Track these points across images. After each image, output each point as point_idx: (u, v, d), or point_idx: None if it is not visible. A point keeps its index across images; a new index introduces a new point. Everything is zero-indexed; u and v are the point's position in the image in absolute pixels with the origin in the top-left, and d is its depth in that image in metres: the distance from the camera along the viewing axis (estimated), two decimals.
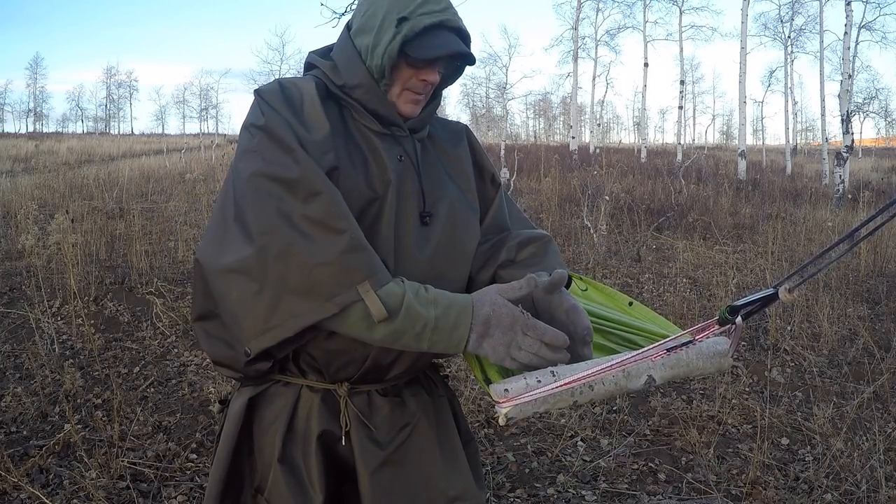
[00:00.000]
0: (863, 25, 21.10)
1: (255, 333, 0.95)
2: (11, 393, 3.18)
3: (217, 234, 0.99)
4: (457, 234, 1.12)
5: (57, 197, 9.20)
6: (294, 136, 0.97)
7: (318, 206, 0.93)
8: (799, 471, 2.74)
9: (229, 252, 0.95)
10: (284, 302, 0.92)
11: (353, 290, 0.92)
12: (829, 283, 5.57)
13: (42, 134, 42.49)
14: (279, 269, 0.92)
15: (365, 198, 1.02)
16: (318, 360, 1.06)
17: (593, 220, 7.57)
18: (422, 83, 1.06)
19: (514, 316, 0.95)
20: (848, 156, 11.77)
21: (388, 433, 1.11)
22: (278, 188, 0.94)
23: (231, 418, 1.11)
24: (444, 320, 0.95)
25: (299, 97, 1.04)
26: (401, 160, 1.08)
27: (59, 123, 70.69)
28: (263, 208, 0.94)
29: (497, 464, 2.78)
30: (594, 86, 29.22)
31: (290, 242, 0.92)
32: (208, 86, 62.00)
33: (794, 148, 25.31)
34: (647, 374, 1.03)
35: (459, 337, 0.95)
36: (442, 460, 1.15)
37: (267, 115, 1.00)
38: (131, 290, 4.85)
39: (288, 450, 1.08)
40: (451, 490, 1.14)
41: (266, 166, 0.96)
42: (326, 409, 1.09)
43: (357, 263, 0.92)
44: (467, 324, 0.95)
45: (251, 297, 0.93)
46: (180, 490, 2.50)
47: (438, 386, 1.23)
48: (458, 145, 1.21)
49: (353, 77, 1.06)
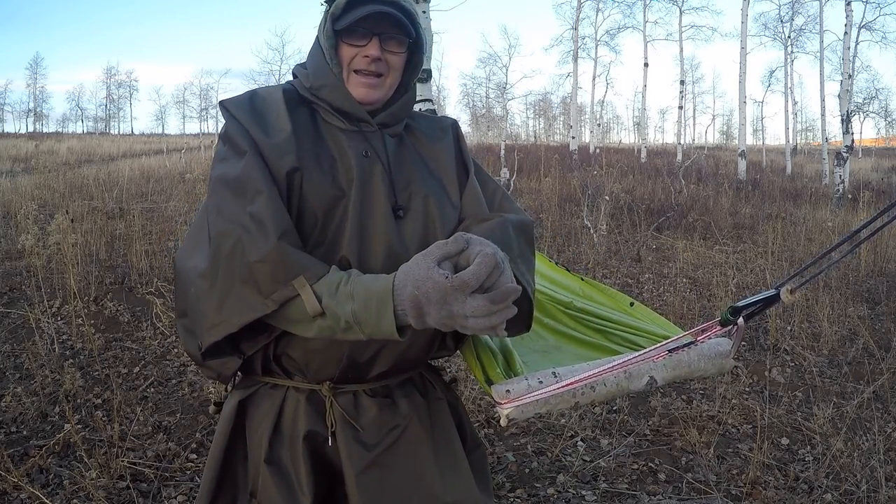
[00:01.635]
0: (863, 25, 21.12)
1: (205, 329, 0.99)
2: (11, 393, 3.18)
3: (192, 237, 1.07)
4: (433, 227, 1.09)
5: (57, 197, 9.19)
6: (248, 141, 1.02)
7: (259, 204, 0.96)
8: (799, 471, 2.74)
9: (196, 253, 1.03)
10: (230, 298, 0.96)
11: (290, 286, 0.93)
12: (830, 284, 5.56)
13: (42, 134, 42.45)
14: (227, 267, 0.96)
15: (330, 196, 1.03)
16: (297, 361, 1.07)
17: (593, 220, 7.57)
18: (364, 60, 1.06)
19: (441, 287, 0.84)
20: (848, 156, 11.77)
21: (377, 435, 1.09)
22: (229, 190, 1.00)
23: (222, 421, 1.14)
24: (364, 314, 0.90)
25: (264, 104, 1.09)
26: (366, 156, 1.07)
27: (59, 123, 70.72)
28: (220, 210, 1.00)
29: (497, 464, 2.78)
30: (594, 86, 29.27)
31: (237, 241, 0.96)
32: (208, 86, 62.03)
33: (794, 148, 25.32)
34: (648, 375, 1.03)
35: (388, 329, 0.90)
36: (437, 464, 1.12)
37: (227, 124, 1.07)
38: (131, 290, 4.85)
39: (275, 451, 1.08)
40: (449, 495, 1.10)
41: (223, 171, 1.03)
42: (312, 410, 1.09)
43: (290, 259, 0.94)
44: (390, 314, 0.89)
45: (204, 293, 0.98)
46: (180, 490, 2.50)
47: (436, 388, 1.20)
48: (441, 139, 1.19)
49: (319, 78, 1.09)
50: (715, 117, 59.22)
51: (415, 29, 1.09)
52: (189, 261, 1.03)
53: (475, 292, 0.84)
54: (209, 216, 1.01)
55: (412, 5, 1.10)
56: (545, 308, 1.52)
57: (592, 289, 1.52)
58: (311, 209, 1.01)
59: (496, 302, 0.84)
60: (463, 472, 1.15)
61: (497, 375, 1.08)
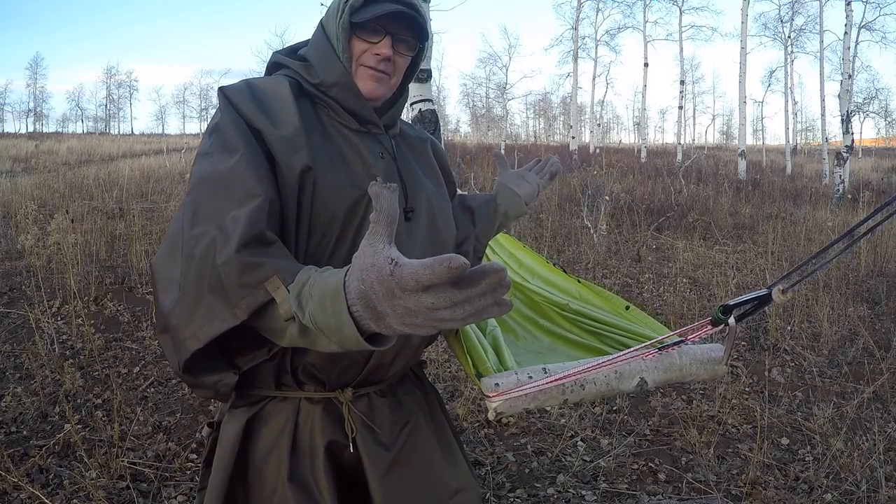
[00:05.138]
0: (863, 25, 21.10)
1: (176, 345, 0.87)
2: (11, 393, 3.19)
3: (169, 242, 0.94)
4: (437, 226, 1.13)
5: (57, 197, 9.19)
6: (244, 135, 0.94)
7: (250, 210, 0.87)
8: (799, 471, 2.74)
9: (172, 261, 0.90)
10: (199, 310, 0.85)
11: (261, 288, 0.82)
12: (829, 283, 5.56)
13: (42, 134, 42.44)
14: (197, 275, 0.85)
15: (351, 197, 1.00)
16: (318, 368, 1.02)
17: (593, 220, 7.57)
18: (375, 58, 1.05)
19: (381, 275, 0.64)
20: (848, 156, 11.77)
21: (391, 434, 1.10)
22: (210, 189, 0.90)
23: (225, 444, 1.04)
24: (322, 317, 0.74)
25: (268, 94, 1.02)
26: (382, 157, 1.08)
27: (59, 123, 70.75)
28: (196, 212, 0.90)
29: (497, 464, 2.78)
30: (594, 86, 29.26)
31: (210, 245, 0.85)
32: (208, 86, 62.11)
33: (794, 148, 25.31)
34: (639, 376, 1.04)
35: (350, 335, 0.71)
36: (441, 454, 1.16)
37: (224, 113, 0.98)
38: (131, 290, 4.85)
39: (295, 468, 1.02)
40: (454, 482, 1.15)
41: (207, 168, 0.93)
42: (329, 420, 1.05)
43: (261, 259, 0.83)
44: (346, 315, 0.70)
45: (176, 305, 0.87)
46: (180, 490, 2.50)
47: (424, 381, 1.24)
48: (424, 143, 1.25)
49: (329, 74, 1.05)
50: (715, 117, 59.26)
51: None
52: (164, 270, 0.91)
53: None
54: (184, 225, 0.90)
55: (425, 10, 1.10)
56: (541, 310, 1.53)
57: (589, 291, 1.53)
58: (329, 209, 0.98)
59: (464, 287, 0.62)
60: (460, 459, 1.20)
61: (487, 369, 1.09)
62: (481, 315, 0.63)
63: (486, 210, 1.38)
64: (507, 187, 1.40)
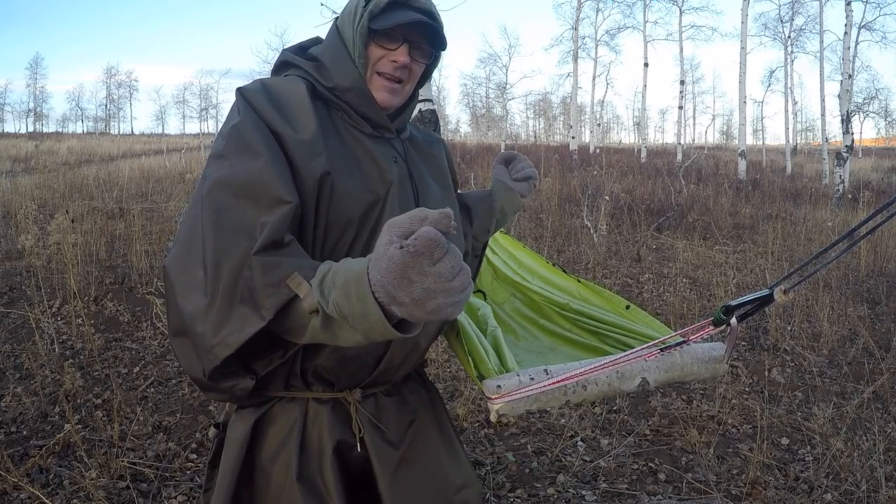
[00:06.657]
0: (863, 25, 21.10)
1: (203, 352, 0.88)
2: (11, 393, 3.19)
3: (184, 245, 0.92)
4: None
5: (57, 197, 9.19)
6: (265, 139, 0.93)
7: (280, 216, 0.87)
8: (799, 471, 2.74)
9: (190, 266, 0.89)
10: (231, 320, 0.85)
11: (284, 286, 0.82)
12: (830, 283, 5.56)
13: (42, 134, 42.46)
14: (229, 288, 0.85)
15: (365, 202, 1.00)
16: (328, 370, 1.02)
17: (593, 220, 7.57)
18: (392, 65, 1.05)
19: (392, 258, 0.68)
20: (848, 156, 11.76)
21: (398, 432, 1.11)
22: (232, 195, 0.89)
23: (233, 445, 1.04)
24: (346, 304, 0.75)
25: (286, 96, 1.00)
26: (396, 162, 1.08)
27: (59, 123, 70.74)
28: (219, 221, 0.88)
29: (497, 464, 2.78)
30: (594, 86, 29.25)
31: (243, 257, 0.85)
32: (208, 86, 62.19)
33: (794, 148, 25.33)
34: (640, 376, 1.03)
35: (376, 319, 0.72)
36: (445, 451, 1.17)
37: (243, 115, 0.96)
38: (131, 290, 4.86)
39: (304, 468, 1.03)
40: (458, 479, 1.16)
41: (225, 172, 0.91)
42: (337, 420, 1.05)
43: (280, 259, 0.84)
44: (371, 299, 0.71)
45: (201, 314, 0.86)
46: (180, 490, 2.50)
47: (426, 380, 1.25)
48: (432, 145, 1.25)
49: (344, 79, 1.04)
50: (715, 117, 59.28)
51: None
52: (183, 274, 0.90)
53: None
54: (204, 228, 0.89)
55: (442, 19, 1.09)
56: (542, 310, 1.53)
57: (589, 291, 1.53)
58: (345, 214, 0.98)
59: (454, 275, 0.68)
60: (462, 456, 1.21)
61: (489, 371, 1.09)
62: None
63: (482, 207, 1.39)
64: (501, 182, 1.41)
